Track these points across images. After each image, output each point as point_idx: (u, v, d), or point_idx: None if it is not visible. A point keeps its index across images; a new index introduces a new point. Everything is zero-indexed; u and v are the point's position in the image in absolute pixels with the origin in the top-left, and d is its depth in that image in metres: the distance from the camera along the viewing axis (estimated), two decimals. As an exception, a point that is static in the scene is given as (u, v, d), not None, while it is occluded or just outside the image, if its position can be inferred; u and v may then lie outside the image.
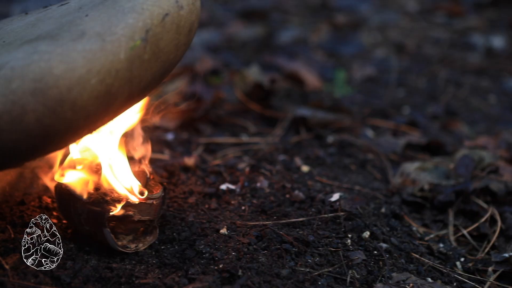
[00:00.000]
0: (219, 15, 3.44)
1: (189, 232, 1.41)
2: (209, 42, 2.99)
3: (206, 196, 1.58)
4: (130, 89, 1.15)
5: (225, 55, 2.91)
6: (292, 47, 3.09)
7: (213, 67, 2.66)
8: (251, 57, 2.90)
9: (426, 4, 3.79)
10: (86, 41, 1.08)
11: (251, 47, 3.07)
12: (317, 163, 1.83)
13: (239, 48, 3.04)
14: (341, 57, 3.01)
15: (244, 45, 3.09)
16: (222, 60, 2.82)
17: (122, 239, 1.35)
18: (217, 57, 2.85)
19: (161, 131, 2.02)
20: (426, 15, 3.63)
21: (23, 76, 1.02)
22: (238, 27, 3.29)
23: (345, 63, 2.92)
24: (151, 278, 1.25)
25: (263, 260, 1.31)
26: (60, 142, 1.15)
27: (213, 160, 1.82)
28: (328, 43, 3.16)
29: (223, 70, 2.66)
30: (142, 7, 1.14)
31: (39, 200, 1.47)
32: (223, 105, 2.24)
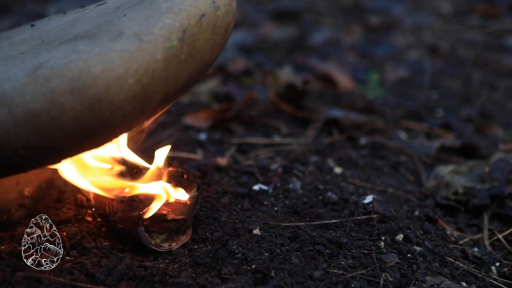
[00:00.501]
0: (252, 15, 3.45)
1: (222, 232, 1.41)
2: (242, 42, 3.00)
3: (239, 196, 1.59)
4: (166, 89, 1.16)
5: (257, 55, 2.92)
6: (324, 48, 3.08)
7: (245, 67, 2.67)
8: (283, 58, 2.89)
9: (460, 5, 3.75)
10: (123, 41, 1.08)
11: (283, 47, 3.07)
12: (350, 164, 1.82)
13: (271, 49, 3.04)
14: (373, 58, 3.00)
15: (276, 45, 3.09)
16: (255, 60, 2.82)
17: (156, 238, 1.36)
18: (250, 57, 2.86)
19: (193, 131, 2.03)
20: (460, 17, 3.60)
21: (62, 75, 1.03)
22: (271, 27, 3.29)
23: (377, 64, 2.91)
24: (184, 277, 1.26)
25: (296, 261, 1.31)
26: (96, 141, 1.16)
27: (245, 160, 1.83)
28: (361, 45, 3.15)
29: (255, 71, 2.67)
30: (180, 7, 1.15)
31: (74, 198, 1.49)
32: (255, 105, 2.24)
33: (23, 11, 3.29)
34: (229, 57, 2.68)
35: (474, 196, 1.65)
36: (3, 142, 1.03)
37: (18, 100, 1.02)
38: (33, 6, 3.36)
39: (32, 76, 1.03)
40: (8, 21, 3.09)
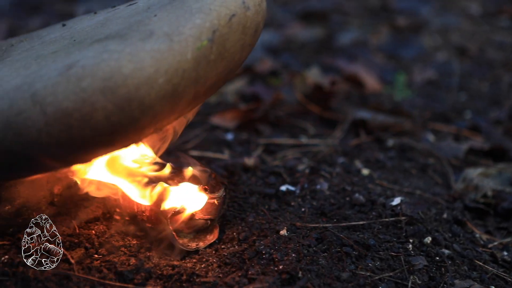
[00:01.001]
0: (279, 16, 3.44)
1: (249, 232, 1.41)
2: (269, 43, 2.99)
3: (266, 196, 1.58)
4: (196, 89, 1.16)
5: (284, 56, 2.91)
6: (351, 49, 3.07)
7: (272, 68, 2.66)
8: (310, 59, 2.89)
9: (489, 7, 3.72)
10: (154, 41, 1.09)
11: (310, 48, 3.06)
12: (377, 166, 1.82)
13: (298, 50, 3.04)
14: (401, 60, 2.98)
15: (303, 46, 3.08)
16: (281, 61, 2.82)
17: (183, 237, 1.37)
18: (277, 58, 2.85)
19: (220, 131, 2.04)
20: (489, 18, 3.56)
21: (93, 74, 1.04)
22: (298, 28, 3.29)
23: (405, 66, 2.89)
24: (212, 277, 1.26)
25: (323, 263, 1.31)
26: (126, 140, 1.17)
27: (272, 161, 1.83)
28: (388, 46, 3.13)
29: (282, 71, 2.66)
30: (210, 7, 1.15)
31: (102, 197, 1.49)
32: (282, 106, 2.24)
33: (52, 10, 3.32)
34: (256, 58, 2.68)
35: (504, 199, 1.64)
36: (34, 141, 1.05)
37: (50, 99, 1.03)
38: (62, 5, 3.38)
39: (64, 75, 1.04)
40: (38, 20, 3.12)
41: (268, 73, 2.62)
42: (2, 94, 1.06)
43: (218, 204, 1.37)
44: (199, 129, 2.03)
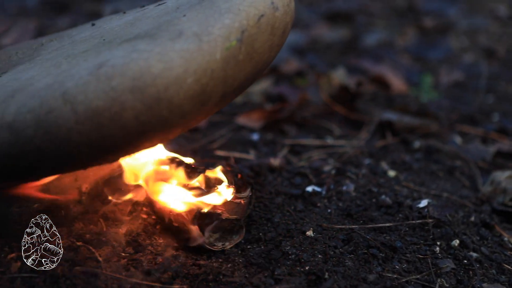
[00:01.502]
0: (305, 16, 3.44)
1: (275, 232, 1.41)
2: (294, 43, 2.99)
3: (292, 197, 1.58)
4: (224, 89, 1.16)
5: (310, 56, 2.91)
6: (377, 50, 3.06)
7: (298, 68, 2.66)
8: (336, 60, 2.88)
9: (517, 8, 3.69)
10: (183, 41, 1.09)
11: (335, 49, 3.06)
12: (404, 168, 1.81)
13: (323, 50, 3.03)
14: (427, 61, 2.96)
15: (329, 47, 3.08)
16: (307, 61, 2.82)
17: (209, 237, 1.37)
18: (302, 58, 2.85)
19: (246, 131, 2.04)
20: (517, 20, 3.54)
21: (123, 74, 1.04)
22: (323, 29, 3.28)
23: (431, 67, 2.87)
24: (238, 277, 1.26)
25: (350, 264, 1.31)
26: (154, 139, 1.18)
27: (298, 161, 1.82)
28: (415, 47, 3.12)
29: (307, 72, 2.66)
30: (239, 8, 1.15)
31: (129, 195, 1.50)
32: (308, 106, 2.24)
33: (80, 10, 3.35)
34: (282, 58, 2.68)
35: (532, 202, 1.62)
36: (65, 139, 1.05)
37: (80, 98, 1.03)
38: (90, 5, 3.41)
39: (94, 74, 1.05)
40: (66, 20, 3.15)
41: (294, 73, 2.62)
42: (33, 93, 1.07)
43: (244, 204, 1.37)
44: (225, 129, 2.04)
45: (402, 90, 2.52)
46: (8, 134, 1.06)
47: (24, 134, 1.05)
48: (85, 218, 1.39)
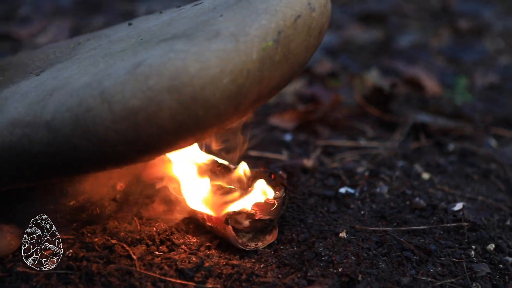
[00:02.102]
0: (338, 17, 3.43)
1: (308, 234, 1.41)
2: (327, 44, 2.99)
3: (325, 198, 1.58)
4: (259, 89, 1.16)
5: (343, 58, 2.90)
6: (411, 51, 3.04)
7: (331, 69, 2.65)
8: (369, 61, 2.87)
9: (554, 10, 3.64)
10: (220, 41, 1.09)
11: (368, 50, 3.04)
12: (438, 171, 1.79)
13: (356, 51, 3.02)
14: (462, 63, 2.93)
15: (361, 48, 3.06)
16: (340, 62, 2.81)
17: (242, 237, 1.37)
18: (335, 59, 2.84)
19: (279, 132, 2.04)
20: (553, 22, 3.49)
21: (160, 73, 1.04)
22: (356, 30, 3.27)
23: (466, 69, 2.85)
24: (271, 277, 1.26)
25: (383, 267, 1.30)
26: (189, 139, 1.18)
27: (331, 163, 1.82)
28: (449, 49, 3.09)
29: (340, 73, 2.65)
30: (276, 8, 1.15)
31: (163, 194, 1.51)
32: (341, 108, 2.23)
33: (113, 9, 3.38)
34: (314, 59, 2.68)
35: None
36: (102, 138, 1.06)
37: (118, 97, 1.04)
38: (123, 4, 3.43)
39: (131, 73, 1.05)
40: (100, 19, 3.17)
41: (327, 74, 2.61)
42: (71, 92, 1.08)
43: (277, 205, 1.37)
44: (258, 129, 2.04)
45: (436, 92, 2.50)
46: (47, 133, 1.07)
47: (62, 132, 1.06)
48: (119, 216, 1.41)
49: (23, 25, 3.13)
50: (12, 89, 1.27)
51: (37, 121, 1.09)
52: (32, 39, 2.94)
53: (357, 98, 2.25)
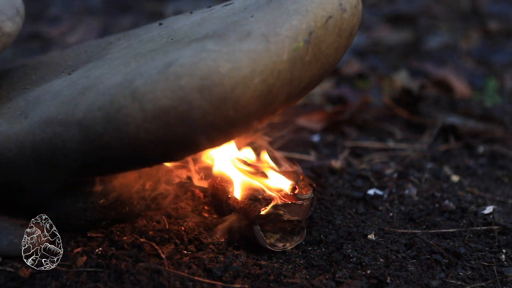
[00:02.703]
0: (366, 18, 3.41)
1: (336, 235, 1.41)
2: (356, 45, 2.97)
3: (353, 200, 1.57)
4: (289, 90, 1.16)
5: (371, 59, 2.89)
6: (440, 53, 3.01)
7: (359, 70, 2.64)
8: (398, 62, 2.85)
9: None
10: (251, 41, 1.10)
11: (397, 51, 3.02)
12: (467, 173, 1.78)
13: (385, 52, 3.00)
14: (492, 65, 2.90)
15: (390, 49, 3.05)
16: (368, 63, 2.80)
17: (270, 238, 1.37)
18: (363, 60, 2.83)
19: (307, 132, 2.03)
20: None
21: (191, 73, 1.05)
22: (385, 31, 3.25)
23: (496, 71, 2.82)
24: (299, 278, 1.26)
25: (412, 269, 1.29)
26: (219, 139, 1.18)
27: (359, 164, 1.81)
28: (479, 50, 3.06)
29: (369, 74, 2.64)
30: (307, 9, 1.15)
31: (192, 194, 1.52)
32: (369, 109, 2.22)
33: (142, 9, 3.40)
34: (343, 60, 2.66)
35: None
36: (133, 137, 1.07)
37: (149, 96, 1.04)
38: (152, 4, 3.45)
39: (163, 73, 1.06)
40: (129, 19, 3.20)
41: (355, 75, 2.60)
42: (103, 90, 1.08)
43: (306, 205, 1.37)
44: (286, 130, 2.03)
45: (466, 94, 2.48)
46: (78, 131, 1.08)
47: (93, 131, 1.07)
48: (148, 215, 1.41)
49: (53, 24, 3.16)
50: (44, 87, 1.28)
51: (69, 119, 1.09)
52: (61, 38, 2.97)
53: (386, 99, 2.24)
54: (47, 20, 3.23)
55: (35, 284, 1.19)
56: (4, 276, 1.20)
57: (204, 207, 1.48)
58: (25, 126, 1.15)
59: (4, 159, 1.16)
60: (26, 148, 1.14)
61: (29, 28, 2.95)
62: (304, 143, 1.95)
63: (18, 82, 1.43)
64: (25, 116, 1.17)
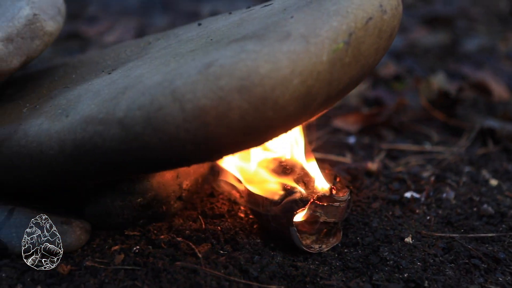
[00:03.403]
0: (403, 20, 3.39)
1: (372, 237, 1.40)
2: (392, 47, 2.95)
3: (390, 202, 1.56)
4: (328, 91, 1.16)
5: (408, 61, 2.86)
6: (477, 55, 2.98)
7: (395, 72, 2.63)
8: (434, 64, 2.83)
9: None
10: (291, 42, 1.09)
11: (434, 53, 3.00)
12: (506, 177, 1.75)
13: (422, 54, 2.98)
14: (531, 68, 2.87)
15: (427, 51, 3.02)
16: (405, 66, 2.78)
17: (306, 239, 1.37)
18: (400, 62, 2.81)
19: (342, 134, 2.03)
20: None
21: (231, 73, 1.05)
22: (422, 33, 3.23)
23: (535, 74, 2.78)
24: (335, 280, 1.26)
25: (450, 273, 1.28)
26: (257, 140, 1.18)
27: (395, 166, 1.80)
28: (517, 53, 3.02)
29: (405, 76, 2.62)
30: (347, 10, 1.15)
31: (227, 194, 1.52)
32: (406, 111, 2.20)
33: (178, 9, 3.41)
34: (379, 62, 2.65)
35: None
36: (172, 137, 1.07)
37: (189, 96, 1.05)
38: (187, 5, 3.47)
39: (203, 73, 1.06)
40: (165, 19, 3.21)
41: (391, 77, 2.58)
42: (143, 90, 1.09)
43: (343, 207, 1.36)
44: (321, 131, 2.03)
45: (504, 97, 2.45)
46: (119, 130, 1.09)
47: (133, 130, 1.08)
48: (184, 214, 1.42)
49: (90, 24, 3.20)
50: (84, 86, 1.29)
51: (110, 118, 1.10)
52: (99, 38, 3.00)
53: (423, 101, 2.22)
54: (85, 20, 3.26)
55: (73, 281, 1.20)
56: (44, 272, 1.22)
57: (240, 207, 1.48)
58: (66, 124, 1.16)
59: (45, 157, 1.18)
60: (67, 147, 1.15)
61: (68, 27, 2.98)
62: (339, 144, 1.95)
63: (59, 81, 1.44)
64: (66, 114, 1.18)
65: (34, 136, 1.20)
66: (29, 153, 1.20)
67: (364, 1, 1.17)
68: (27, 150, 1.20)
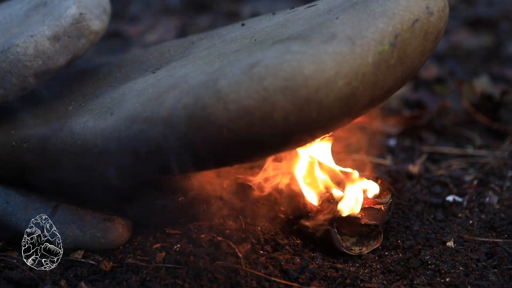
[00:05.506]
0: (445, 22, 3.35)
1: (413, 241, 1.39)
2: (434, 49, 2.92)
3: (431, 206, 1.55)
4: (372, 93, 1.15)
5: (450, 63, 2.83)
6: (522, 58, 2.94)
7: (437, 75, 2.60)
8: (477, 67, 2.79)
9: None
10: (336, 44, 1.09)
11: (477, 56, 2.96)
12: (550, 182, 1.72)
13: (464, 57, 2.94)
14: None
15: (469, 54, 2.98)
16: (447, 68, 2.74)
17: (346, 241, 1.36)
18: (442, 65, 2.78)
19: (383, 136, 2.01)
20: None
21: (275, 74, 1.05)
22: (464, 35, 3.18)
23: None
24: (376, 283, 1.25)
25: (494, 279, 1.26)
26: (300, 141, 1.18)
27: (437, 170, 1.78)
28: None
29: (447, 79, 2.59)
30: (393, 11, 1.14)
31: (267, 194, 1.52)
32: (448, 114, 2.18)
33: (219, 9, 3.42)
34: (421, 64, 2.62)
35: None
36: (215, 136, 1.07)
37: (233, 96, 1.05)
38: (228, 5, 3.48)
39: (247, 73, 1.06)
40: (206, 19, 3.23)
41: (433, 80, 2.55)
42: (188, 89, 1.10)
43: (384, 210, 1.36)
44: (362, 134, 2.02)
45: (548, 101, 2.40)
46: (163, 129, 1.10)
47: (177, 129, 1.08)
48: (224, 214, 1.42)
49: (132, 23, 3.22)
50: (129, 85, 1.30)
51: (154, 117, 1.11)
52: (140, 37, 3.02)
53: (465, 105, 2.19)
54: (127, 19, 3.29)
55: (115, 277, 1.21)
56: (87, 268, 1.24)
57: (280, 208, 1.48)
58: (111, 122, 1.17)
59: (90, 155, 1.19)
60: (112, 145, 1.16)
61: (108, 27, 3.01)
62: (380, 147, 1.93)
63: (103, 80, 1.46)
64: (111, 113, 1.20)
65: (80, 134, 1.21)
66: (74, 150, 1.21)
67: (411, 2, 1.16)
68: (72, 148, 1.22)
